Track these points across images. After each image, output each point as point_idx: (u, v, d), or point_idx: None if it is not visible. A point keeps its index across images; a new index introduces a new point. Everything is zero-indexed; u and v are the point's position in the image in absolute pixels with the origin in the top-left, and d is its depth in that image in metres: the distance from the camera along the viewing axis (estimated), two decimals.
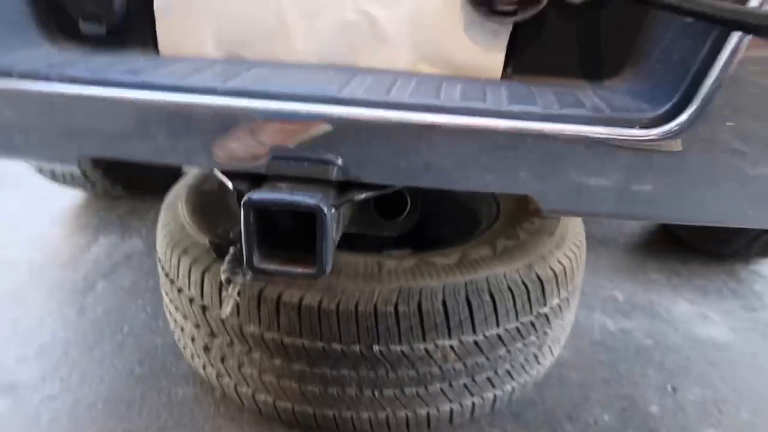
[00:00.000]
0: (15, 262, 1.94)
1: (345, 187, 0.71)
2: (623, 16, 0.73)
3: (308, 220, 0.67)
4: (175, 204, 1.42)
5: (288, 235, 0.71)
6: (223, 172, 0.76)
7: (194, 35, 0.89)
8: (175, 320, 1.34)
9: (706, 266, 1.99)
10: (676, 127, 0.62)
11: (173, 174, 2.58)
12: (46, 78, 0.78)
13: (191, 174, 1.59)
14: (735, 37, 0.58)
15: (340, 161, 0.69)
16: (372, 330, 1.09)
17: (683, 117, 0.62)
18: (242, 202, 0.65)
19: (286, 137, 0.71)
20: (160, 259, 1.35)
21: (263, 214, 0.68)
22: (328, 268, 0.68)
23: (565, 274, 1.25)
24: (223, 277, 1.08)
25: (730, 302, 1.80)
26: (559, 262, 1.25)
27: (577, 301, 1.34)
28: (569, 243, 1.31)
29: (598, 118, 0.65)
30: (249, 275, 1.09)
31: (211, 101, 0.74)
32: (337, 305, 1.09)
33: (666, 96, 0.64)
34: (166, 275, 1.31)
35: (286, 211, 0.69)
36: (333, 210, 0.65)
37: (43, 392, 1.39)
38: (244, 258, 0.68)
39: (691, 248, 2.07)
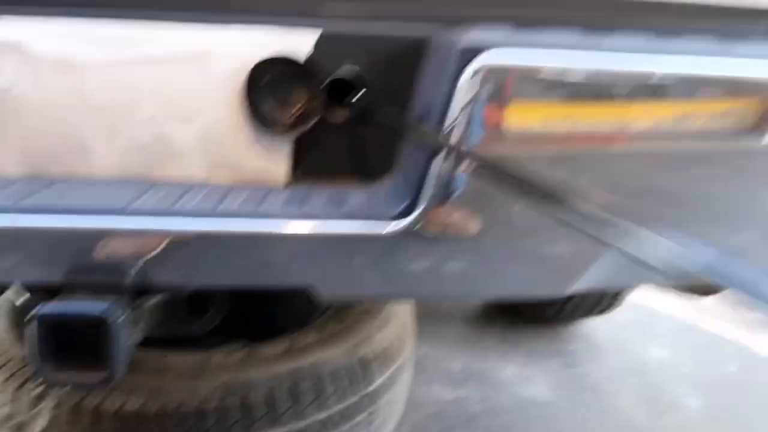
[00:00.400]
0: None
1: (139, 292, 0.76)
2: (381, 131, 0.88)
3: (97, 331, 0.71)
4: None
5: (83, 342, 0.73)
6: (23, 286, 0.78)
7: None
8: None
9: (533, 330, 2.21)
10: (410, 221, 0.76)
11: None
12: None
13: (11, 289, 1.53)
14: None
15: (132, 269, 0.75)
16: (197, 429, 1.10)
17: (414, 213, 0.76)
18: (30, 317, 0.68)
19: (80, 249, 0.75)
20: None
21: (56, 324, 0.71)
22: (120, 373, 0.71)
23: (391, 351, 1.35)
24: (34, 393, 1.05)
25: (551, 362, 2.01)
26: (385, 339, 1.35)
27: (407, 377, 1.43)
28: (395, 320, 1.42)
29: (355, 214, 0.78)
30: (65, 387, 1.07)
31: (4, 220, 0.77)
32: (159, 407, 1.09)
33: (405, 196, 0.78)
34: None
35: (74, 324, 0.72)
36: (122, 317, 0.70)
37: None
38: (36, 370, 0.70)
39: (521, 315, 2.28)
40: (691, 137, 0.80)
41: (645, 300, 2.30)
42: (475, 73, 0.72)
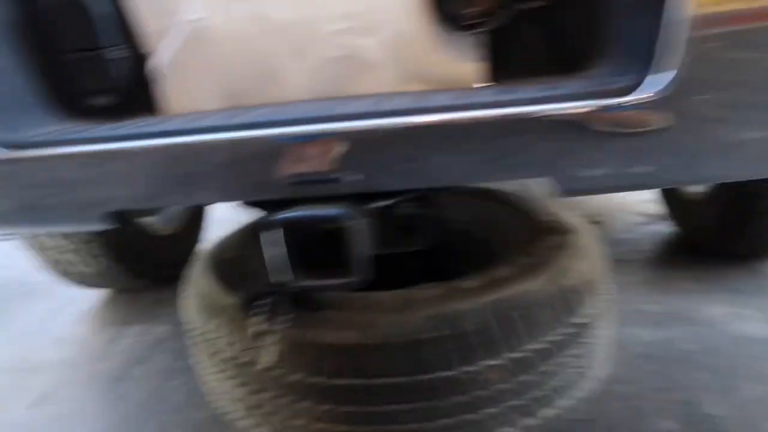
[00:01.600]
0: (46, 364, 1.95)
1: (366, 199, 0.74)
2: (582, 12, 0.78)
3: (337, 235, 0.70)
4: (199, 275, 1.45)
5: (321, 254, 0.73)
6: (249, 204, 0.79)
7: (193, 92, 0.94)
8: (215, 384, 1.33)
9: (729, 269, 1.98)
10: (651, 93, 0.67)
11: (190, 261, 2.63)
12: (66, 142, 0.83)
13: (209, 245, 1.63)
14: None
15: (356, 175, 0.72)
16: (414, 360, 1.09)
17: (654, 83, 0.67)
18: (271, 222, 0.68)
19: (303, 160, 0.74)
20: (192, 329, 1.37)
21: (296, 235, 0.71)
22: (362, 278, 0.70)
23: (594, 283, 1.25)
24: (255, 330, 1.09)
25: (761, 299, 1.78)
26: (586, 271, 1.25)
27: (611, 314, 1.33)
28: (591, 255, 1.33)
29: (584, 94, 0.70)
30: (286, 321, 1.10)
31: (226, 136, 0.78)
32: (377, 339, 1.09)
33: (631, 72, 0.69)
34: (199, 343, 1.32)
35: (315, 230, 0.72)
36: (358, 220, 0.68)
37: None
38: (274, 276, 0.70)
39: (711, 254, 2.06)
40: None
41: None
42: None
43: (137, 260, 2.20)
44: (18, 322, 2.29)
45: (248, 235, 1.67)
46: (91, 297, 2.44)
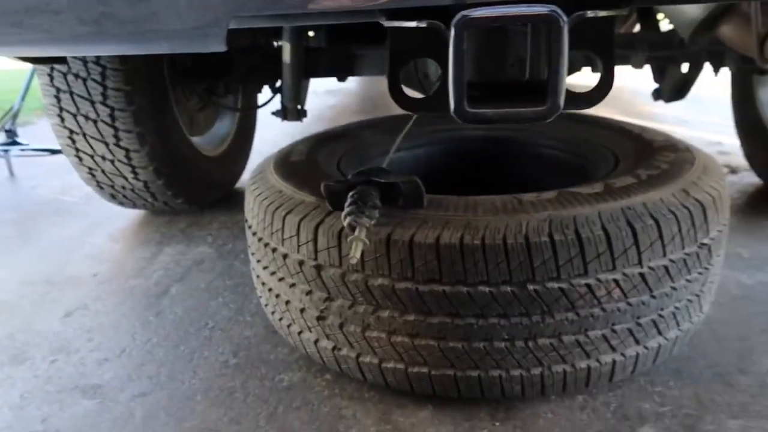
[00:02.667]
0: (79, 277, 1.83)
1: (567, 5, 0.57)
2: None
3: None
4: (265, 176, 1.31)
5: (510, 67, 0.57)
6: (402, 13, 0.62)
7: None
8: (277, 295, 1.20)
9: None
10: None
11: (230, 187, 2.51)
12: None
13: (272, 153, 1.49)
14: None
15: None
16: (525, 266, 0.95)
17: None
18: (455, 24, 0.52)
19: None
20: (255, 232, 1.23)
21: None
22: (561, 103, 0.54)
23: (721, 202, 1.10)
24: (346, 221, 0.94)
25: None
26: (712, 188, 1.10)
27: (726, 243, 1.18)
28: (713, 172, 1.17)
29: None
30: (376, 216, 0.96)
31: None
32: (483, 240, 0.95)
33: None
34: (266, 245, 1.18)
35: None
36: (567, 21, 0.52)
37: (132, 390, 1.24)
38: (452, 104, 0.55)
39: None
40: None
41: None
42: None
43: (178, 178, 2.06)
44: (51, 238, 2.17)
45: (318, 141, 1.53)
46: (127, 216, 2.32)
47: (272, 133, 3.30)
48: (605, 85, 0.67)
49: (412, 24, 0.57)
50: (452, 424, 1.06)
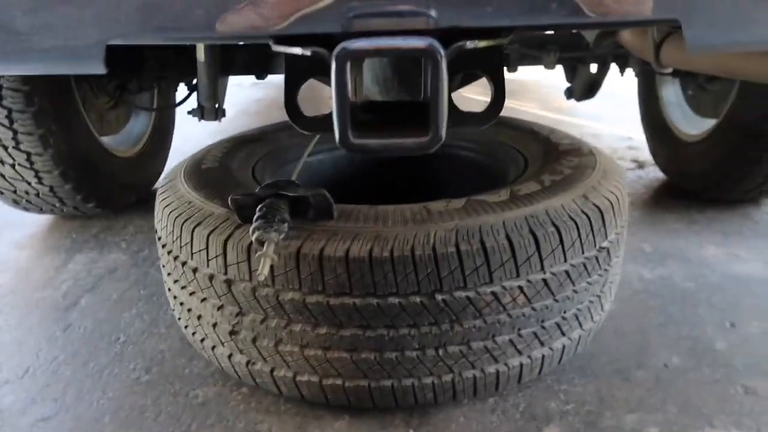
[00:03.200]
0: None
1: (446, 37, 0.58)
2: None
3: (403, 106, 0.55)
4: (175, 185, 1.26)
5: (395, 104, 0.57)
6: (287, 39, 0.61)
7: None
8: (189, 309, 1.17)
9: (720, 212, 1.95)
10: None
11: (147, 188, 2.40)
12: None
13: (185, 159, 1.44)
14: None
15: (432, 11, 0.56)
16: (433, 276, 0.96)
17: None
18: (335, 55, 0.52)
19: None
20: (165, 244, 1.19)
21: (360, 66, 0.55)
22: (443, 135, 0.55)
23: (619, 205, 1.16)
24: (254, 236, 0.93)
25: (755, 241, 1.75)
26: (610, 192, 1.15)
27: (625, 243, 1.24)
28: (613, 176, 1.23)
29: None
30: (285, 230, 0.95)
31: None
32: (391, 252, 0.96)
33: None
34: (175, 258, 1.14)
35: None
36: (445, 55, 0.53)
37: (35, 414, 1.18)
38: (337, 133, 0.55)
39: (701, 197, 2.03)
40: None
41: None
42: None
43: (88, 181, 1.96)
44: None
45: (233, 146, 1.48)
46: (34, 220, 2.19)
47: (194, 129, 3.18)
48: (497, 106, 0.69)
49: (297, 51, 0.56)
50: None
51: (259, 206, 0.98)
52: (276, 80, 4.98)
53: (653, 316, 1.39)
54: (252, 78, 4.95)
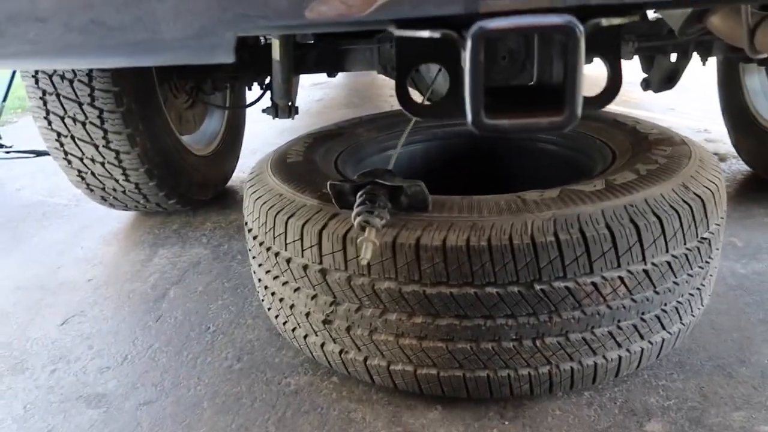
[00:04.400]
0: (73, 281, 1.81)
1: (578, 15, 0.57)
2: None
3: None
4: (263, 178, 1.30)
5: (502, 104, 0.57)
6: (412, 24, 0.61)
7: None
8: (281, 299, 1.20)
9: None
10: None
11: (222, 186, 2.48)
12: None
13: (267, 154, 1.48)
14: None
15: None
16: (532, 266, 0.95)
17: None
18: (471, 35, 0.52)
19: None
20: (256, 236, 1.22)
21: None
22: (579, 113, 0.54)
23: (719, 194, 1.11)
24: (356, 221, 0.94)
25: None
26: (710, 182, 1.11)
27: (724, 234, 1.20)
28: (709, 165, 1.18)
29: None
30: (387, 216, 0.96)
31: None
32: (489, 241, 0.95)
33: None
34: (268, 249, 1.17)
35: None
36: (583, 32, 0.52)
37: (137, 399, 1.24)
38: (469, 115, 0.55)
39: None
40: None
41: None
42: None
43: (170, 178, 2.04)
44: (41, 242, 2.14)
45: (313, 141, 1.51)
46: (117, 218, 2.30)
47: (260, 127, 3.27)
48: (614, 87, 0.67)
49: (425, 34, 0.56)
50: (462, 425, 1.07)
51: (360, 192, 0.99)
52: (334, 81, 5.05)
53: (751, 312, 1.33)
54: (312, 79, 5.05)
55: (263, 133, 3.35)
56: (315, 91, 4.82)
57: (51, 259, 1.99)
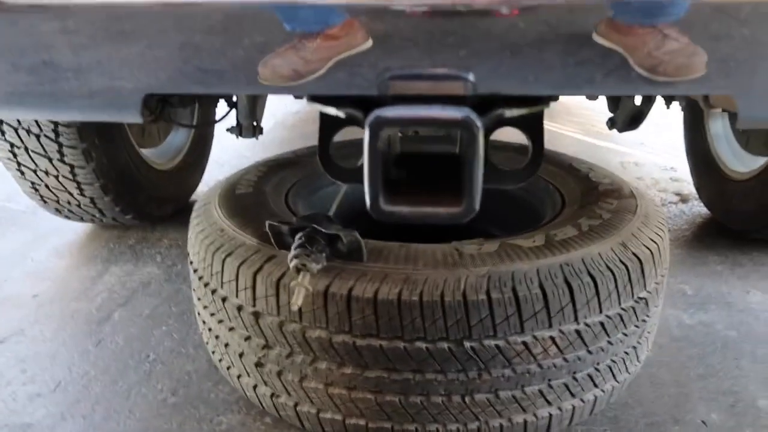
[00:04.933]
0: (18, 296, 1.76)
1: (483, 106, 0.56)
2: None
3: (441, 158, 0.53)
4: (209, 210, 1.27)
5: (427, 171, 0.56)
6: (322, 100, 0.60)
7: None
8: (217, 336, 1.17)
9: (767, 255, 1.87)
10: None
11: (183, 201, 2.44)
12: None
13: (219, 181, 1.46)
14: None
15: (470, 75, 0.55)
16: (462, 323, 0.94)
17: None
18: (369, 123, 0.51)
19: (407, 45, 0.56)
20: (196, 269, 1.20)
21: (383, 151, 0.54)
22: (477, 207, 0.53)
23: (659, 254, 1.11)
24: (292, 264, 0.92)
25: None
26: (652, 240, 1.11)
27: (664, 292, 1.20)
28: (654, 222, 1.18)
29: None
30: (323, 261, 0.94)
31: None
32: (420, 296, 0.94)
33: None
34: (206, 285, 1.15)
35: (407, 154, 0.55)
36: (482, 126, 0.51)
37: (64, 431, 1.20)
38: (368, 200, 0.54)
39: (747, 238, 1.95)
40: None
41: None
42: None
43: (127, 193, 2.00)
44: None
45: (267, 170, 1.49)
46: (74, 229, 2.24)
47: (231, 139, 3.23)
48: (535, 163, 0.67)
49: (332, 111, 0.55)
50: None
51: (298, 235, 0.97)
52: None
53: (692, 366, 1.34)
54: None
55: (234, 144, 3.30)
56: (293, 102, 4.80)
57: (1, 269, 1.93)
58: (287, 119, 4.25)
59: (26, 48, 0.57)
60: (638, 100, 2.03)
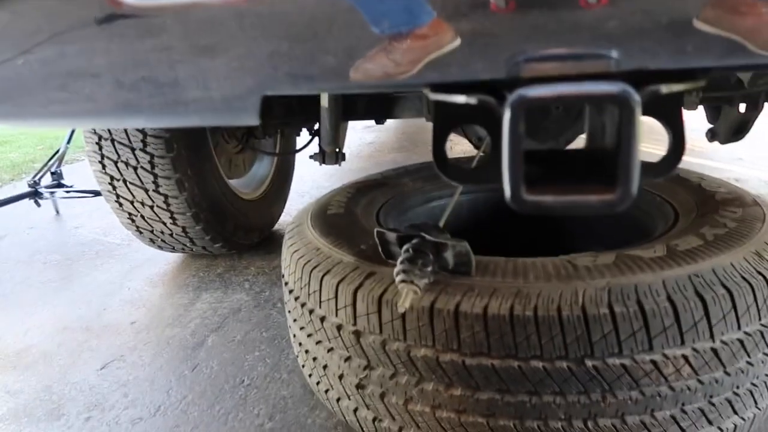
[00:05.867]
0: (117, 324, 1.82)
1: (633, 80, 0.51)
2: None
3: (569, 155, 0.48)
4: (302, 230, 1.26)
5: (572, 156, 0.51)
6: (454, 87, 0.57)
7: None
8: (314, 358, 1.14)
9: None
10: None
11: (268, 230, 2.49)
12: None
13: (309, 203, 1.45)
14: None
15: (614, 52, 0.50)
16: (582, 340, 0.86)
17: None
18: (511, 103, 0.47)
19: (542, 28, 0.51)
20: (292, 290, 1.18)
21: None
22: (635, 191, 0.48)
23: None
24: (398, 279, 0.89)
25: None
26: None
27: None
28: None
29: None
30: (429, 276, 0.90)
31: None
32: (535, 310, 0.87)
33: None
34: (302, 305, 1.13)
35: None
36: (639, 102, 0.46)
37: None
38: (507, 190, 0.49)
39: None
40: None
41: None
42: None
43: (216, 223, 2.05)
44: (91, 282, 2.19)
45: (356, 191, 1.48)
46: (166, 259, 2.32)
47: (310, 170, 3.30)
48: (675, 157, 0.60)
49: (461, 99, 0.51)
50: None
51: (405, 247, 0.94)
52: (387, 125, 5.08)
53: None
54: (364, 122, 5.10)
55: (312, 176, 3.37)
56: (367, 134, 4.86)
57: (99, 299, 2.01)
58: (362, 150, 4.29)
59: (146, 53, 0.57)
60: (742, 107, 1.89)
